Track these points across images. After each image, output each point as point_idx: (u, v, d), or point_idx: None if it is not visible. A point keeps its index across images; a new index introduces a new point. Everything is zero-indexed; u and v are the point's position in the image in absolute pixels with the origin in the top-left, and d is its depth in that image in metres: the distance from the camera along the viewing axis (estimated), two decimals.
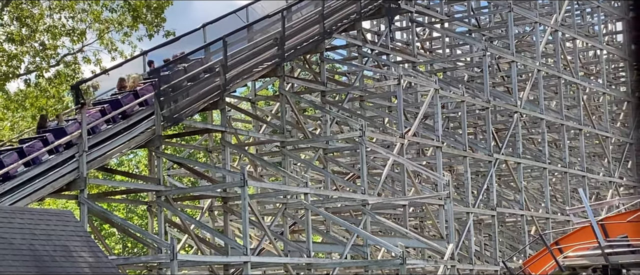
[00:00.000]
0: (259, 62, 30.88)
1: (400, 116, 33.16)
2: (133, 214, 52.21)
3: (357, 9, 34.62)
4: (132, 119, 27.00)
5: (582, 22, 49.75)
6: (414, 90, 38.34)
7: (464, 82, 41.44)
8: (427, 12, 41.22)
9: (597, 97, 48.88)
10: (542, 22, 42.22)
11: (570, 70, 43.52)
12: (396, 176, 35.58)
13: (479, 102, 37.92)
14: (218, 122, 32.06)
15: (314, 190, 31.67)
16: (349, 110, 35.88)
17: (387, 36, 37.49)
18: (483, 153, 37.78)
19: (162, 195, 27.79)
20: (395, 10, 36.78)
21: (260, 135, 34.24)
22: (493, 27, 45.48)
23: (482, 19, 45.92)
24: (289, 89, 34.65)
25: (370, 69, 37.56)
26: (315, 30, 32.98)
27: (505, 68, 42.86)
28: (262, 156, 35.22)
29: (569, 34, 44.55)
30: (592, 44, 48.08)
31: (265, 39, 31.33)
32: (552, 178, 45.18)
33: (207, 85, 28.82)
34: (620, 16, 48.42)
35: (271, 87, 46.29)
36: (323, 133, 34.16)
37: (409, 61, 38.48)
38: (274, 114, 36.50)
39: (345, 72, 43.49)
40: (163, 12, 36.52)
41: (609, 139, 45.80)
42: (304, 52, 33.52)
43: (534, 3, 46.54)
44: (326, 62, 35.21)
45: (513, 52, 39.76)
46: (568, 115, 43.60)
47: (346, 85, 37.49)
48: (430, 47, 45.99)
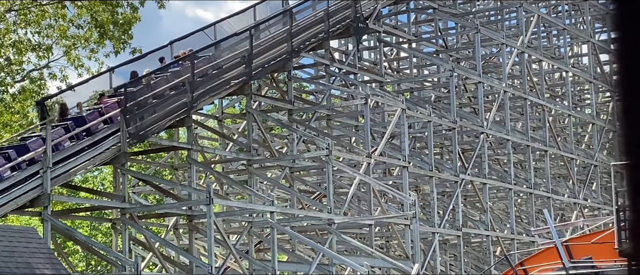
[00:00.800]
0: (226, 79, 30.81)
1: (367, 135, 33.20)
2: (97, 232, 51.76)
3: (325, 28, 34.67)
4: (98, 135, 26.81)
5: (548, 44, 50.17)
6: (381, 109, 38.42)
7: (431, 102, 41.60)
8: (395, 32, 41.38)
9: (563, 118, 49.25)
10: (508, 43, 42.53)
11: (536, 92, 43.84)
12: (362, 195, 35.58)
13: (445, 122, 38.06)
14: (184, 140, 31.88)
15: (280, 209, 31.57)
16: (316, 129, 35.85)
17: (355, 55, 37.57)
18: (449, 173, 37.90)
19: (126, 213, 27.57)
20: (363, 29, 36.89)
21: (226, 153, 34.08)
22: (460, 48, 45.74)
23: (450, 40, 46.18)
24: (256, 107, 34.57)
25: (337, 88, 37.59)
26: (283, 48, 32.97)
27: (472, 89, 43.08)
28: (229, 174, 35.08)
29: (535, 55, 44.90)
30: (557, 66, 48.48)
31: (233, 57, 31.26)
32: (517, 199, 45.41)
33: (173, 103, 28.69)
34: (586, 39, 48.90)
35: (238, 105, 46.21)
36: (290, 152, 34.10)
37: (376, 81, 38.58)
38: (241, 132, 36.40)
39: (312, 91, 43.50)
40: (130, 28, 36.35)
41: (573, 160, 46.12)
42: (272, 70, 33.50)
43: (501, 25, 46.89)
44: (294, 80, 35.20)
45: (480, 73, 39.99)
46: (534, 137, 43.88)
47: (313, 104, 37.47)
48: (397, 67, 46.15)
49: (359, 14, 36.12)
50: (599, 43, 49.79)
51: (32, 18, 36.44)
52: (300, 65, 37.80)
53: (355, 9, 35.94)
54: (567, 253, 25.53)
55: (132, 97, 27.34)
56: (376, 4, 37.77)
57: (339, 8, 35.74)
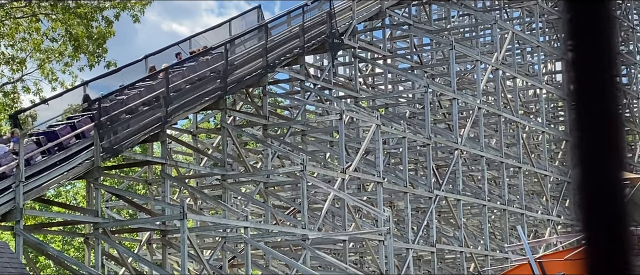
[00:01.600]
0: (201, 94, 30.73)
1: (342, 151, 33.20)
2: (70, 246, 51.38)
3: (301, 43, 34.70)
4: (72, 149, 26.64)
5: (522, 61, 50.45)
6: (356, 125, 38.44)
7: (406, 118, 41.69)
8: (370, 48, 41.48)
9: (536, 135, 49.49)
10: (483, 60, 42.71)
11: (510, 109, 44.04)
12: (337, 211, 35.55)
13: (420, 138, 38.14)
14: (158, 154, 31.77)
15: (254, 224, 31.49)
16: (290, 144, 35.82)
17: (330, 71, 37.61)
18: (423, 189, 37.95)
19: (99, 227, 27.39)
20: (338, 45, 36.95)
21: (200, 168, 33.96)
22: (435, 64, 45.91)
23: (425, 56, 46.35)
24: (231, 122, 34.50)
25: (312, 104, 37.60)
26: (258, 63, 32.95)
27: (446, 105, 43.22)
28: (203, 189, 34.95)
29: (509, 72, 45.12)
30: (531, 83, 48.75)
31: (208, 72, 31.20)
32: (491, 215, 45.53)
33: (148, 117, 28.59)
34: (560, 56, 49.20)
35: (213, 120, 46.10)
36: (264, 167, 34.03)
37: (351, 96, 38.62)
38: (215, 147, 36.30)
39: (287, 106, 43.48)
40: (105, 42, 36.23)
41: (547, 177, 46.33)
42: (247, 85, 33.46)
43: (475, 41, 47.14)
44: (269, 95, 35.18)
45: (454, 89, 40.13)
46: (508, 153, 44.05)
47: (288, 120, 37.46)
48: (372, 82, 46.24)
49: (334, 30, 36.18)
50: None
51: (6, 31, 36.22)
52: (275, 80, 37.80)
53: (331, 24, 36.00)
54: (541, 269, 25.59)
55: (106, 112, 27.21)
56: (351, 20, 37.87)
57: (315, 24, 35.80)
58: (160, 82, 29.04)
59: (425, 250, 38.20)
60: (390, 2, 41.27)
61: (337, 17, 36.74)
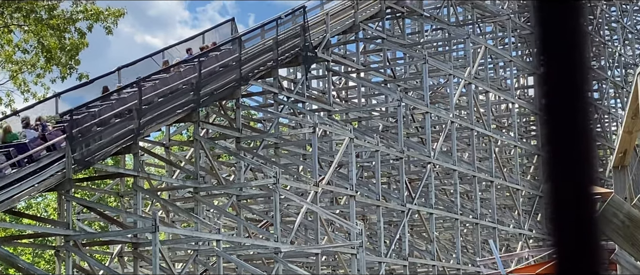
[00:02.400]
0: (174, 106, 30.64)
1: (315, 164, 33.19)
2: (40, 259, 50.96)
3: (274, 56, 34.70)
4: (42, 161, 26.46)
5: (495, 75, 50.72)
6: (329, 138, 38.47)
7: (379, 131, 41.76)
8: (343, 61, 41.56)
9: (509, 149, 49.72)
10: (456, 74, 42.88)
11: (482, 123, 44.22)
12: (309, 224, 35.51)
13: (393, 152, 38.21)
14: (131, 167, 31.60)
15: (226, 237, 31.37)
16: (263, 157, 35.76)
17: (304, 84, 37.64)
18: (396, 203, 38.00)
19: (70, 240, 27.19)
20: (312, 58, 36.98)
21: (173, 181, 33.83)
22: (408, 78, 46.05)
23: (398, 70, 46.48)
24: (204, 135, 34.42)
25: (285, 117, 37.58)
26: (232, 76, 32.91)
27: (419, 119, 43.34)
28: (175, 202, 34.81)
29: (482, 87, 45.34)
30: (504, 98, 48.99)
31: (181, 84, 31.13)
32: (463, 229, 45.65)
33: (120, 129, 28.45)
34: (532, 71, 49.49)
35: (186, 133, 45.95)
36: (237, 180, 33.94)
37: (324, 110, 38.65)
38: (188, 160, 36.18)
39: (260, 119, 43.45)
40: (77, 54, 36.03)
41: (519, 191, 46.54)
42: (220, 97, 33.40)
43: (448, 55, 47.35)
44: (242, 108, 35.13)
45: (427, 103, 40.25)
46: (480, 167, 44.21)
47: (261, 132, 37.40)
48: (346, 96, 46.30)
49: (308, 43, 36.21)
50: None
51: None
52: (248, 93, 37.77)
53: (304, 38, 36.04)
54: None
55: (78, 123, 27.05)
56: (325, 33, 37.94)
57: (288, 37, 35.82)
58: (132, 94, 28.93)
59: (398, 264, 38.21)
60: (364, 16, 41.39)
61: (310, 30, 36.79)
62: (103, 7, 35.81)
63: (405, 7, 43.75)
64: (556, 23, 1.38)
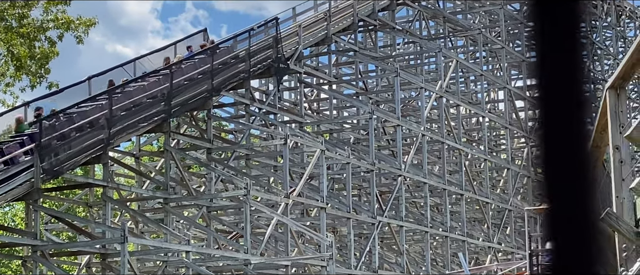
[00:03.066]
0: (144, 117, 30.51)
1: (286, 176, 33.15)
2: (7, 269, 50.50)
3: (246, 67, 34.66)
4: (11, 170, 26.24)
5: (465, 89, 50.96)
6: (300, 150, 38.44)
7: (350, 144, 41.80)
8: (315, 73, 41.59)
9: (479, 163, 49.93)
10: (427, 87, 43.04)
11: (453, 136, 44.38)
12: (280, 236, 35.44)
13: (364, 164, 38.24)
14: (100, 177, 31.41)
15: (196, 249, 31.26)
16: (234, 168, 35.68)
17: (275, 96, 37.62)
18: (367, 215, 38.02)
19: (38, 250, 26.95)
20: (284, 70, 36.99)
21: (143, 191, 33.66)
22: (380, 91, 46.16)
23: (370, 83, 46.60)
24: (175, 145, 34.29)
25: (257, 128, 37.54)
26: (203, 86, 32.83)
27: (390, 131, 43.44)
28: (144, 212, 34.64)
29: (453, 100, 45.50)
30: (474, 111, 49.23)
31: (152, 94, 31.02)
32: (433, 242, 45.76)
33: (90, 139, 28.28)
34: (502, 85, 49.78)
35: (156, 143, 45.76)
36: (207, 191, 33.83)
37: (296, 121, 38.64)
38: (158, 170, 36.02)
39: (232, 130, 43.36)
40: (48, 62, 35.78)
41: (489, 204, 46.72)
42: (191, 108, 33.31)
43: (420, 69, 47.51)
44: (213, 119, 35.05)
45: (399, 116, 40.35)
46: (450, 180, 44.34)
47: (232, 143, 37.31)
48: (317, 108, 46.33)
49: (280, 55, 36.22)
50: (515, 90, 50.75)
51: None
52: (220, 104, 37.68)
53: (277, 49, 36.04)
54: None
55: (48, 132, 26.86)
56: (298, 45, 37.96)
57: (261, 48, 35.80)
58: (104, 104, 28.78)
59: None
60: (337, 29, 41.48)
61: (283, 42, 36.79)
62: (74, 16, 35.62)
63: (377, 20, 43.89)
64: (555, 43, 1.37)
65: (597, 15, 59.99)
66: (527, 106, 50.83)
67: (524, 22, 52.25)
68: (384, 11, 45.17)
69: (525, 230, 41.45)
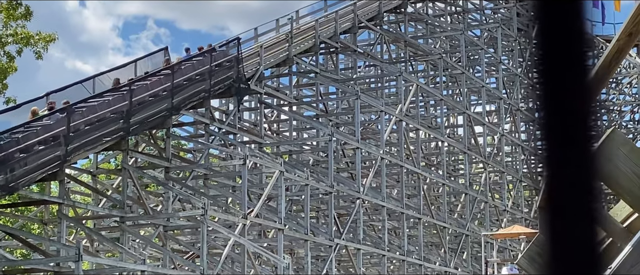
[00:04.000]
0: (102, 134, 30.25)
1: (244, 196, 33.02)
2: None
3: (207, 87, 34.54)
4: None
5: (425, 113, 51.20)
6: (259, 171, 38.34)
7: (309, 165, 41.77)
8: (276, 94, 41.55)
9: (437, 187, 50.11)
10: (387, 111, 43.16)
11: (412, 160, 44.51)
12: (236, 257, 35.24)
13: (322, 186, 38.22)
14: (56, 194, 31.05)
15: (152, 268, 30.95)
16: (192, 188, 35.47)
17: (235, 116, 37.51)
18: (324, 237, 37.96)
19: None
20: (244, 90, 36.92)
21: (99, 209, 33.33)
22: (340, 113, 46.24)
23: (330, 105, 46.66)
24: (133, 164, 34.02)
25: (216, 148, 37.37)
26: (163, 105, 32.65)
27: (350, 154, 43.49)
28: (100, 231, 34.28)
29: (412, 124, 45.68)
30: (434, 136, 49.45)
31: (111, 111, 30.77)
32: (390, 265, 45.77)
33: (47, 155, 27.97)
34: (462, 111, 50.09)
35: (114, 161, 45.43)
36: (164, 210, 33.58)
37: (255, 142, 38.54)
38: (115, 188, 35.70)
39: (191, 149, 43.14)
40: (6, 77, 35.42)
41: (446, 229, 46.87)
42: (150, 126, 33.10)
43: (380, 92, 47.66)
44: (172, 138, 34.84)
45: (358, 138, 40.42)
46: (408, 204, 44.44)
47: (191, 163, 37.10)
48: (277, 129, 46.28)
49: (241, 75, 36.15)
50: (474, 115, 51.07)
51: None
52: (179, 122, 37.50)
53: (238, 69, 35.97)
54: None
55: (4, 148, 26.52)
56: (259, 65, 37.93)
57: (222, 68, 35.71)
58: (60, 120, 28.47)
59: None
60: (298, 50, 41.52)
61: (244, 62, 36.75)
62: (34, 32, 35.31)
63: (339, 43, 44.01)
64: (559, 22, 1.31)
65: None
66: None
67: (484, 48, 52.73)
68: (346, 34, 45.34)
69: (482, 255, 41.65)
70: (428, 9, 52.65)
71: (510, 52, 56.86)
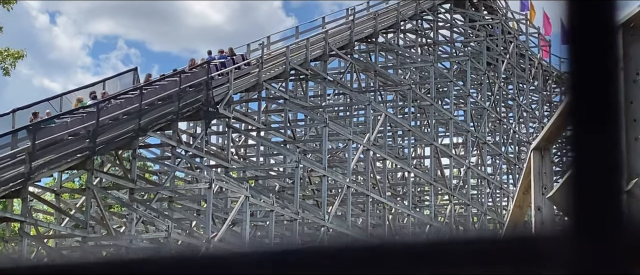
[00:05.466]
0: (68, 153, 30.04)
1: (208, 220, 32.85)
2: None
3: (175, 109, 34.43)
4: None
5: (393, 143, 51.31)
6: (225, 195, 38.19)
7: (275, 191, 41.67)
8: (244, 119, 41.48)
9: (402, 218, 50.15)
10: (355, 140, 43.20)
11: (378, 190, 44.55)
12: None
13: (288, 213, 38.13)
14: (18, 211, 30.74)
15: None
16: (156, 210, 35.24)
17: (203, 139, 37.39)
18: None
19: None
20: (213, 114, 36.83)
21: (61, 229, 33.01)
22: (308, 140, 46.23)
23: (298, 132, 46.64)
24: (97, 184, 33.77)
25: (182, 171, 37.20)
26: (130, 126, 32.51)
27: (316, 181, 43.45)
28: (62, 250, 33.93)
29: (380, 154, 45.74)
30: (400, 166, 49.53)
31: (78, 130, 30.61)
32: None
33: (10, 172, 27.73)
34: (429, 142, 50.25)
35: (78, 180, 45.05)
36: (128, 231, 33.32)
37: (222, 166, 38.40)
38: (79, 208, 35.40)
39: (157, 171, 42.91)
40: None
41: None
42: (117, 147, 32.90)
43: (349, 121, 47.74)
44: (138, 159, 34.64)
45: (325, 166, 40.40)
46: (373, 234, 44.41)
47: (156, 185, 36.88)
48: (244, 154, 46.16)
49: (210, 98, 36.07)
50: (441, 147, 51.27)
51: None
52: (146, 144, 37.30)
53: (207, 93, 35.90)
54: None
55: None
56: (228, 89, 37.87)
57: (191, 91, 35.64)
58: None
59: None
60: (268, 76, 41.51)
61: (213, 86, 36.69)
62: (2, 47, 35.06)
63: (309, 70, 44.08)
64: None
65: (524, 79, 61.18)
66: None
67: (453, 81, 53.04)
68: (317, 61, 45.41)
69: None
70: (399, 40, 52.90)
71: (479, 86, 57.22)
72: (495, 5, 61.37)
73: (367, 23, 49.67)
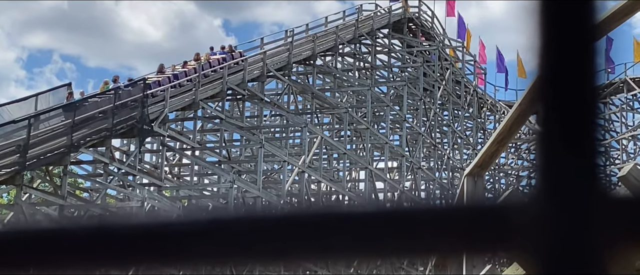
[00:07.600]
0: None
1: None
2: None
3: (109, 125, 33.98)
4: None
5: (328, 166, 51.31)
6: (157, 214, 37.71)
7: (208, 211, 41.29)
8: (179, 138, 41.12)
9: None
10: (290, 161, 43.10)
11: None
12: None
13: None
14: None
15: None
16: None
17: (136, 157, 36.95)
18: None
19: None
20: (147, 132, 36.42)
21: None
22: (243, 161, 46.00)
23: (234, 152, 46.38)
24: (26, 199, 33.14)
25: (114, 188, 36.70)
26: (62, 141, 31.98)
27: (250, 202, 43.19)
28: None
29: (314, 176, 45.69)
30: (335, 189, 49.53)
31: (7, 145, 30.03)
32: None
33: None
34: (364, 166, 50.36)
35: (7, 196, 44.25)
36: None
37: (155, 185, 37.98)
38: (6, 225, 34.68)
39: (88, 188, 42.28)
40: None
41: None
42: (48, 163, 32.34)
43: (285, 142, 47.66)
44: (69, 176, 34.08)
45: (260, 187, 40.21)
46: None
47: (87, 202, 36.32)
48: (178, 173, 45.73)
49: (145, 116, 35.69)
50: (376, 171, 51.41)
51: None
52: (78, 160, 36.74)
53: (142, 110, 35.52)
54: None
55: None
56: (164, 107, 37.52)
57: (126, 107, 35.23)
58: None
59: None
60: (205, 95, 41.24)
61: (149, 104, 36.32)
62: None
63: (246, 90, 43.91)
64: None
65: (459, 106, 61.76)
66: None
67: (390, 105, 53.29)
68: (254, 82, 45.28)
69: None
70: (337, 63, 53.05)
71: (415, 111, 57.59)
72: (433, 32, 61.93)
73: (306, 45, 49.75)
